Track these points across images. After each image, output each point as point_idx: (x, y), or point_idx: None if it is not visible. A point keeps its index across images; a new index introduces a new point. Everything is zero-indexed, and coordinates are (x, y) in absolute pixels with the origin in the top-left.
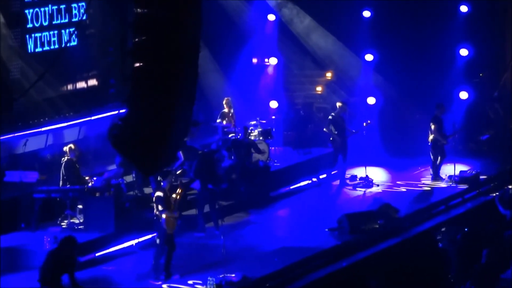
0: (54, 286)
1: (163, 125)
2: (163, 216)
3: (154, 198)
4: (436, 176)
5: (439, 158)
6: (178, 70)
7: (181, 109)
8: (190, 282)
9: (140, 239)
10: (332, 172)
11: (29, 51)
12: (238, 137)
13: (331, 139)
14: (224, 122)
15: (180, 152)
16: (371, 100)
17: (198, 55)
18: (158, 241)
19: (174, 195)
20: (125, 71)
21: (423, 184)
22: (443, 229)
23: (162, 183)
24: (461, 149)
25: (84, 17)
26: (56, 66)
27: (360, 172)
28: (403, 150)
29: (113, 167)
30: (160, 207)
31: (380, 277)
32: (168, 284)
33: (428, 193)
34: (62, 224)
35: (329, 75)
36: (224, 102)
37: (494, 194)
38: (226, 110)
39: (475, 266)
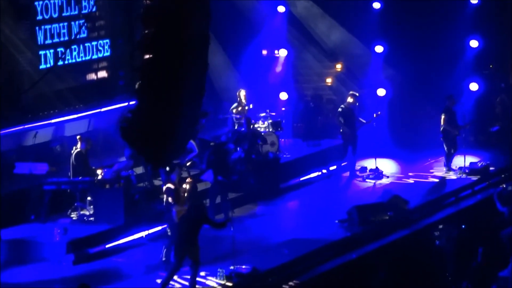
0: None
1: (172, 117)
2: (174, 209)
3: (164, 190)
4: (448, 168)
5: (451, 149)
6: (187, 62)
7: (190, 101)
8: (201, 273)
9: (150, 231)
10: (342, 164)
11: (39, 43)
12: (242, 129)
13: (341, 131)
14: (234, 111)
15: (194, 144)
16: (381, 92)
17: (207, 47)
18: (169, 232)
19: (184, 187)
20: (134, 63)
21: (433, 175)
22: (440, 227)
23: (171, 176)
24: (471, 140)
25: (94, 9)
26: (66, 58)
27: (370, 163)
28: (412, 142)
29: (123, 159)
30: (170, 200)
31: (389, 269)
32: (177, 276)
33: (438, 184)
34: (72, 215)
35: (339, 66)
36: (241, 94)
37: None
38: (241, 102)
39: (472, 265)
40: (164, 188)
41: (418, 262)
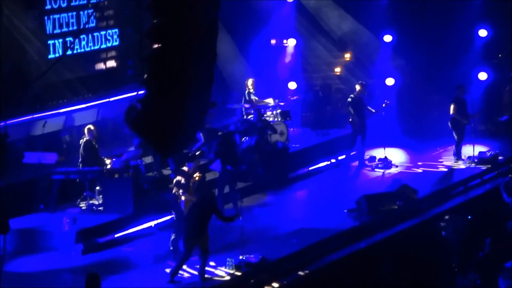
0: None
1: (181, 107)
2: (183, 198)
3: (174, 181)
4: (457, 157)
5: (460, 138)
6: (196, 52)
7: (199, 91)
8: (210, 263)
9: (159, 220)
10: (351, 153)
11: (48, 32)
12: (252, 118)
13: (350, 120)
14: (244, 99)
15: (200, 133)
16: (389, 82)
17: (216, 36)
18: (175, 219)
19: (194, 178)
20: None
21: (442, 165)
22: (446, 217)
23: (187, 165)
24: (480, 130)
25: None
26: (74, 48)
27: (379, 153)
28: (421, 131)
29: (131, 148)
30: (180, 190)
31: (398, 258)
32: (187, 265)
33: (447, 174)
34: (81, 205)
35: (347, 56)
36: (249, 82)
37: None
38: (250, 91)
39: (478, 255)
40: (174, 180)
41: (427, 252)
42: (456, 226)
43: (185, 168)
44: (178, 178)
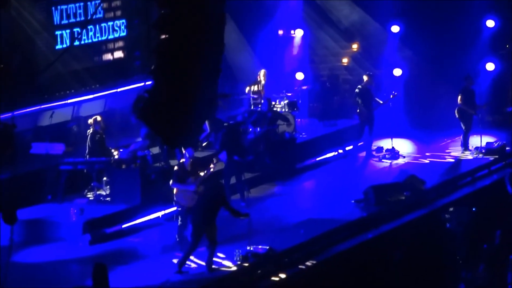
0: None
1: (188, 97)
2: (174, 190)
3: (174, 171)
4: (465, 147)
5: (468, 129)
6: (203, 42)
7: (206, 81)
8: (220, 254)
9: (166, 211)
10: (358, 144)
11: (55, 23)
12: (262, 109)
13: (358, 111)
14: (253, 89)
15: (206, 123)
16: (397, 72)
17: (223, 27)
18: (179, 215)
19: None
20: (150, 43)
21: (449, 155)
22: (451, 209)
23: (186, 154)
24: (487, 120)
25: None
26: (82, 38)
27: (386, 143)
28: (428, 122)
29: (139, 139)
30: (171, 181)
31: (405, 249)
32: (194, 256)
33: (454, 164)
34: (88, 196)
35: (355, 46)
36: (261, 73)
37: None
38: (260, 81)
39: (485, 247)
40: (174, 170)
41: (434, 243)
42: (460, 218)
43: (182, 160)
44: (176, 168)
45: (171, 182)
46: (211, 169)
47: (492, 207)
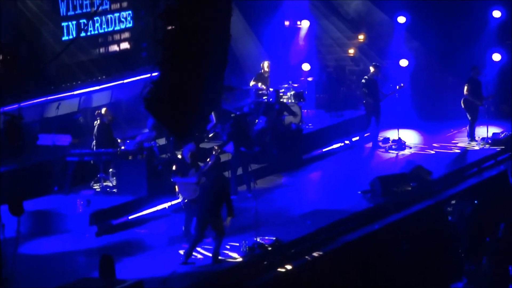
0: None
1: (195, 88)
2: (185, 182)
3: (175, 163)
4: (471, 138)
5: (474, 119)
6: (209, 33)
7: (213, 72)
8: (227, 245)
9: (173, 202)
10: (365, 135)
11: (61, 14)
12: (270, 100)
13: (364, 101)
14: (259, 84)
15: (212, 114)
16: (403, 63)
17: (230, 18)
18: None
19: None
20: (157, 35)
21: (456, 146)
22: (453, 202)
23: (187, 146)
24: (494, 111)
25: None
26: (88, 30)
27: (392, 134)
28: (435, 113)
29: (145, 130)
30: (180, 173)
31: (412, 240)
32: (201, 247)
33: (460, 155)
34: (95, 187)
35: (361, 37)
36: (265, 65)
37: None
38: (264, 73)
39: (487, 240)
40: (176, 162)
41: (437, 235)
42: (462, 211)
43: (182, 152)
44: (176, 162)
45: (172, 176)
46: (211, 160)
47: (494, 200)
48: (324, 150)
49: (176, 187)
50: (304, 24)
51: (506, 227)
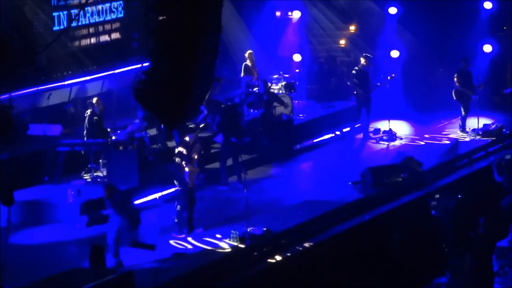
0: None
1: (185, 79)
2: (186, 169)
3: (176, 152)
4: (462, 129)
5: (466, 110)
6: (200, 24)
7: (203, 63)
8: (217, 236)
9: (164, 192)
10: (356, 126)
11: (52, 4)
12: (258, 91)
13: (355, 92)
14: (246, 72)
15: (204, 105)
16: (394, 54)
17: (220, 8)
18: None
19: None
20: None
21: (446, 137)
22: (437, 196)
23: (187, 136)
24: (485, 102)
25: None
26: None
27: (383, 125)
28: (426, 104)
29: (136, 120)
30: (183, 163)
31: (402, 231)
32: (191, 237)
33: (451, 146)
34: (86, 177)
35: (352, 28)
36: (246, 55)
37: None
38: (249, 63)
39: (471, 235)
40: (176, 150)
41: (424, 228)
42: (446, 205)
43: (186, 139)
44: (180, 149)
45: (183, 162)
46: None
47: (478, 195)
48: (315, 141)
49: (183, 172)
50: (295, 15)
51: (486, 221)
